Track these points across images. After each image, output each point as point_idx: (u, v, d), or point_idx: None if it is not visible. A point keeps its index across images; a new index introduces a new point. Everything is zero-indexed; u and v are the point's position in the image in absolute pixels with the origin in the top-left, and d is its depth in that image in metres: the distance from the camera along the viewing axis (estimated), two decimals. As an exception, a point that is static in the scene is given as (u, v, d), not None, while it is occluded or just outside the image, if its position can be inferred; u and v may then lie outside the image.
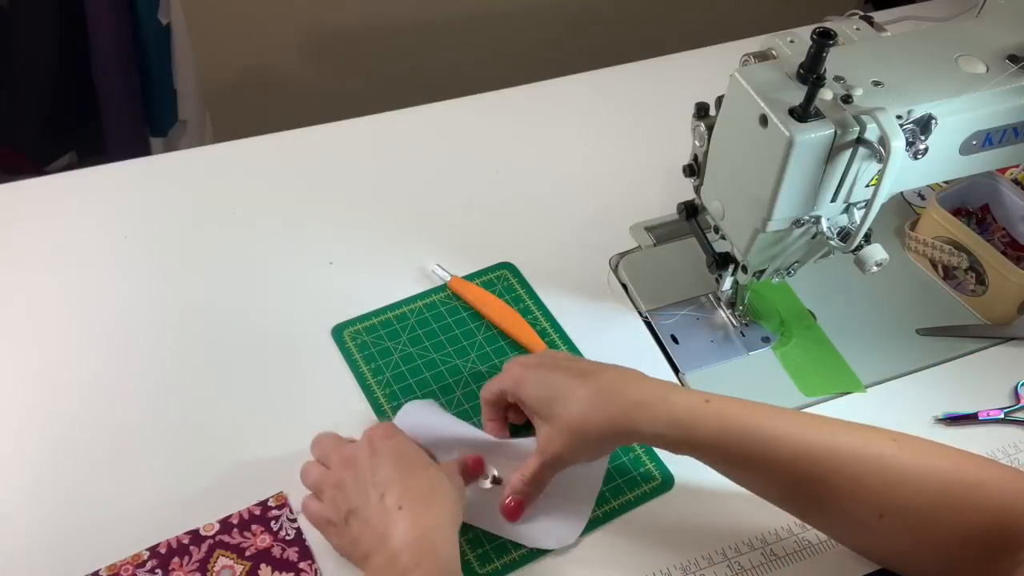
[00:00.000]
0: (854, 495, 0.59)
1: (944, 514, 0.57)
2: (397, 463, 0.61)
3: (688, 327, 0.81)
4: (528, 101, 1.02)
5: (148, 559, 0.64)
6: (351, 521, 0.60)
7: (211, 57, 1.47)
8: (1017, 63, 0.66)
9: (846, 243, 0.65)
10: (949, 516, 0.57)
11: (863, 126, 0.60)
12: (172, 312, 0.80)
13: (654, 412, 0.61)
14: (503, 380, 0.68)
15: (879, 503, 0.58)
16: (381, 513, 0.59)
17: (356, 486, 0.61)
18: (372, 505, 0.59)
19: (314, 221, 0.88)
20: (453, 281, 0.82)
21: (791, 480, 0.60)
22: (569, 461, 0.65)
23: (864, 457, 0.59)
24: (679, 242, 0.87)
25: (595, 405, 0.62)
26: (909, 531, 0.58)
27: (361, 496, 0.60)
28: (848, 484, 0.59)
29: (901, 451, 0.59)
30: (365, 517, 0.59)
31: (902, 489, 0.58)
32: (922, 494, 0.58)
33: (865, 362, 0.79)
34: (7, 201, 0.87)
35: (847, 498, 0.59)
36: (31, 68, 1.38)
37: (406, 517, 0.58)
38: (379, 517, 0.59)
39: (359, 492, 0.60)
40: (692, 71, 1.01)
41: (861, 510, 0.59)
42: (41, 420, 0.72)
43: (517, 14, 1.69)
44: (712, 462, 0.63)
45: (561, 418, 0.63)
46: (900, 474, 0.58)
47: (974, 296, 0.83)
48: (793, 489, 0.61)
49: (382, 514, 0.58)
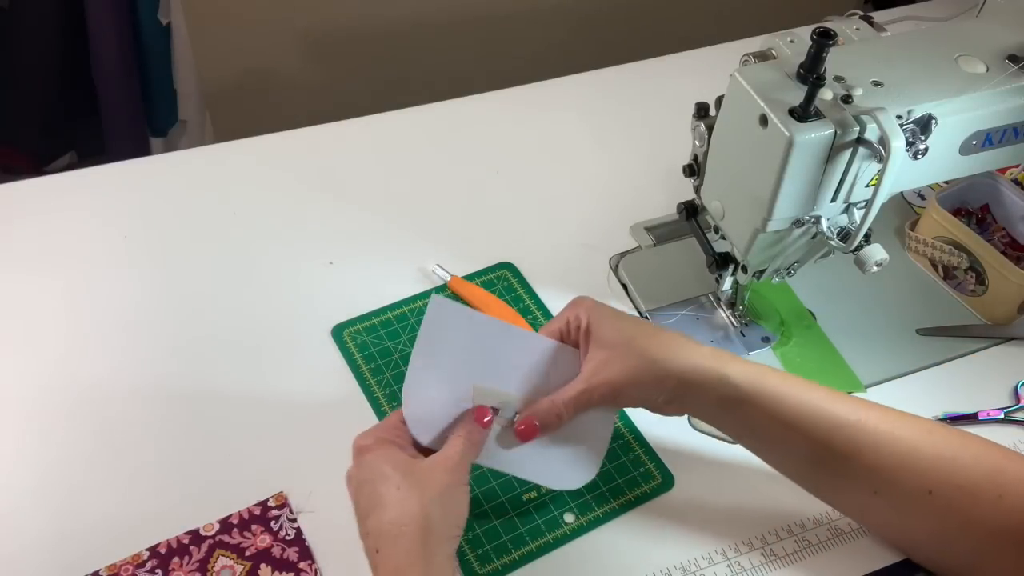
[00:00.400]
0: (907, 467, 0.60)
1: (988, 499, 0.58)
2: (369, 498, 0.58)
3: (688, 327, 0.81)
4: (528, 101, 1.02)
5: (148, 559, 0.64)
6: None
7: (211, 57, 1.47)
8: (1017, 63, 0.66)
9: (846, 243, 0.65)
10: (993, 502, 0.58)
11: (863, 126, 0.60)
12: (172, 312, 0.80)
13: (736, 366, 0.62)
14: (572, 310, 0.65)
15: (929, 477, 0.59)
16: (368, 552, 0.57)
17: (354, 510, 0.60)
18: (361, 537, 0.58)
19: (314, 221, 0.88)
20: (453, 281, 0.82)
21: (845, 452, 0.61)
22: (610, 395, 0.62)
23: (919, 433, 0.61)
24: (679, 242, 0.87)
25: (679, 343, 0.62)
26: (956, 511, 0.59)
27: (357, 522, 0.59)
28: (900, 457, 0.60)
29: (951, 433, 0.62)
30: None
31: (953, 465, 0.59)
32: (971, 473, 0.59)
33: (865, 362, 0.79)
34: (7, 201, 0.87)
35: (900, 470, 0.60)
36: (31, 68, 1.38)
37: (382, 561, 0.56)
38: (369, 554, 0.57)
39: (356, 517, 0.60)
40: (692, 71, 1.01)
41: (913, 484, 0.60)
42: (41, 420, 0.72)
43: (517, 15, 1.69)
44: (765, 432, 0.63)
45: (636, 343, 0.61)
46: (951, 450, 0.60)
47: (974, 296, 0.84)
48: (841, 462, 0.61)
49: (369, 553, 0.57)
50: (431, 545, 0.55)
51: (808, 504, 0.70)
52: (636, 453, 0.73)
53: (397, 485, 0.57)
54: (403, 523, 0.55)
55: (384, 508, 0.56)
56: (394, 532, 0.55)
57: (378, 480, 0.57)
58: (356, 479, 0.59)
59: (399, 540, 0.55)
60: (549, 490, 0.70)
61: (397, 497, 0.56)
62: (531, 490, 0.70)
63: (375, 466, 0.58)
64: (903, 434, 0.61)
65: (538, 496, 0.70)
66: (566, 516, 0.69)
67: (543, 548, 0.67)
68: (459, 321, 0.63)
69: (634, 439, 0.73)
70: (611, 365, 0.62)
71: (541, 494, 0.70)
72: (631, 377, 0.61)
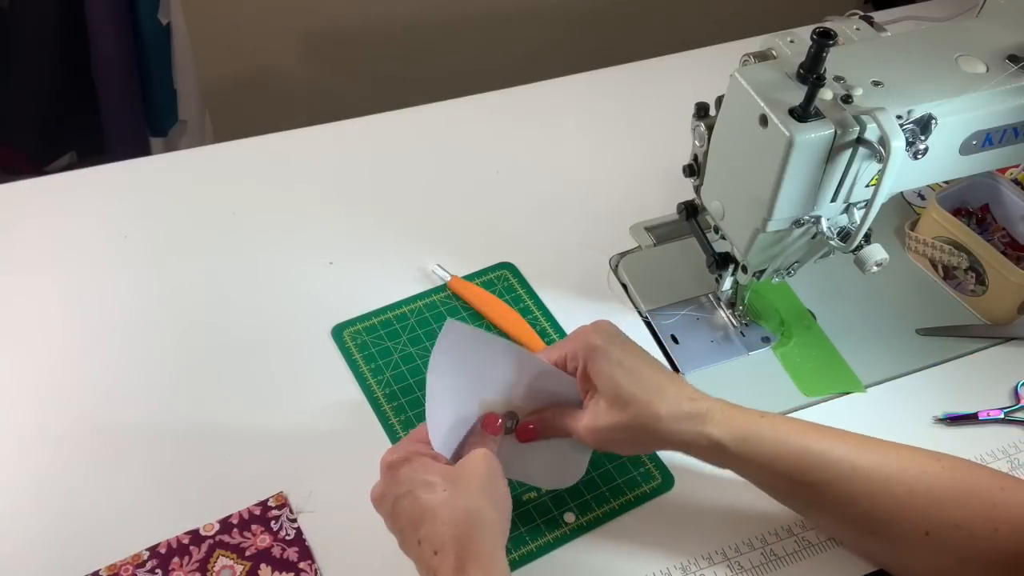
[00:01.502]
0: (903, 511, 0.60)
1: (984, 534, 0.58)
2: (412, 508, 0.58)
3: (688, 327, 0.81)
4: (528, 101, 1.02)
5: (148, 559, 0.64)
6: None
7: (211, 57, 1.47)
8: (1017, 63, 0.66)
9: (846, 243, 0.65)
10: (989, 536, 0.58)
11: (863, 126, 0.60)
12: (172, 312, 0.80)
13: (719, 421, 0.62)
14: (573, 345, 0.66)
15: (925, 520, 0.59)
16: (424, 558, 0.57)
17: (391, 525, 0.60)
18: (410, 548, 0.58)
19: (314, 221, 0.88)
20: (453, 281, 0.82)
21: (839, 501, 0.61)
22: (607, 444, 0.65)
23: (912, 474, 0.60)
24: (679, 242, 0.87)
25: (668, 400, 0.62)
26: (953, 549, 0.59)
27: (399, 536, 0.60)
28: (895, 500, 0.60)
29: (944, 469, 0.61)
30: (412, 557, 0.59)
31: (947, 505, 0.59)
32: (966, 510, 0.59)
33: (865, 362, 0.79)
34: (7, 201, 0.87)
35: (896, 514, 0.60)
36: (31, 68, 1.38)
37: (442, 563, 0.56)
38: (424, 561, 0.57)
39: (396, 532, 0.60)
40: (692, 71, 1.01)
41: (908, 527, 0.60)
42: (41, 420, 0.72)
43: (517, 15, 1.70)
44: (759, 478, 0.64)
45: (630, 406, 0.62)
46: (943, 490, 0.60)
47: (974, 296, 0.83)
48: (836, 508, 0.62)
49: (425, 559, 0.57)
50: (487, 538, 0.57)
51: (808, 504, 0.70)
52: (636, 453, 0.73)
53: (443, 488, 0.58)
54: (457, 522, 0.56)
55: (435, 513, 0.57)
56: (451, 532, 0.56)
57: (420, 489, 0.58)
58: (392, 494, 0.59)
59: (458, 539, 0.56)
60: (549, 490, 0.70)
61: (444, 499, 0.57)
62: (531, 490, 0.70)
63: (413, 477, 0.59)
64: (898, 477, 0.60)
65: (538, 496, 0.70)
66: (566, 516, 0.69)
67: (543, 548, 0.67)
68: (471, 342, 0.66)
69: (634, 439, 0.73)
70: (608, 419, 0.63)
71: (541, 494, 0.70)
72: (625, 436, 0.64)
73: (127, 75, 1.38)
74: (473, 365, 0.66)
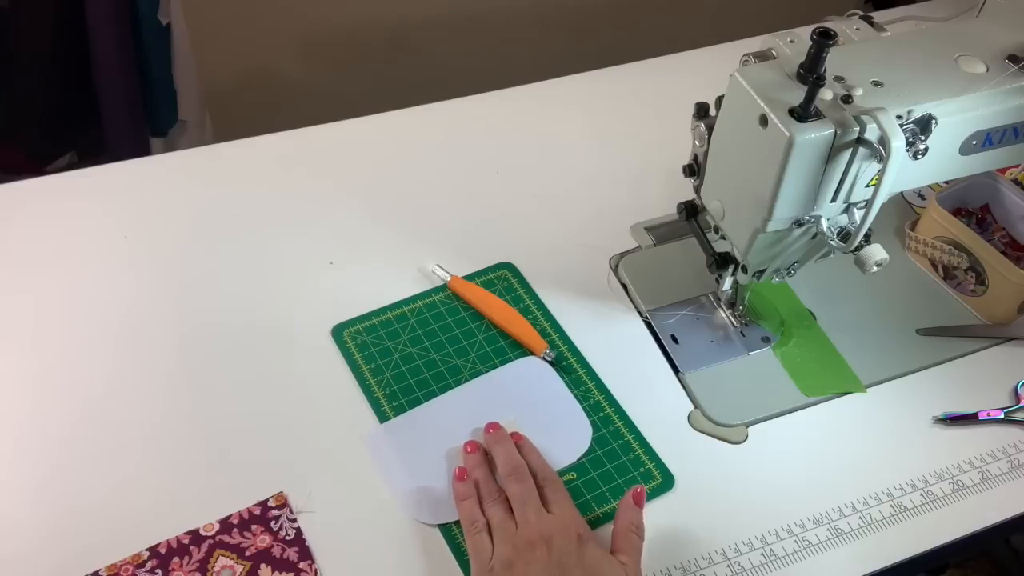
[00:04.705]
0: None
1: None
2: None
3: (688, 327, 0.81)
4: (528, 101, 1.02)
5: (148, 559, 0.64)
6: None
7: (211, 57, 1.47)
8: (1017, 63, 0.66)
9: (846, 243, 0.65)
10: None
11: (863, 126, 0.60)
12: (172, 312, 0.80)
13: None
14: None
15: None
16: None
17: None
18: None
19: (314, 221, 0.88)
20: (453, 281, 0.82)
21: None
22: None
23: None
24: (679, 242, 0.87)
25: None
26: None
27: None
28: None
29: None
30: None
31: None
32: None
33: (865, 362, 0.79)
34: (7, 201, 0.87)
35: None
36: (31, 68, 1.38)
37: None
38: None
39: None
40: (692, 71, 1.01)
41: None
42: (41, 420, 0.72)
43: (517, 15, 1.70)
44: None
45: None
46: None
47: (974, 296, 0.84)
48: None
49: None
50: None
51: (807, 504, 0.70)
52: (636, 453, 0.73)
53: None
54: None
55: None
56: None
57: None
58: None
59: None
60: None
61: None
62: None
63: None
64: None
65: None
66: (566, 516, 0.69)
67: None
68: (400, 430, 0.72)
69: (634, 439, 0.73)
70: None
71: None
72: None
73: (127, 75, 1.38)
74: (415, 441, 0.71)
